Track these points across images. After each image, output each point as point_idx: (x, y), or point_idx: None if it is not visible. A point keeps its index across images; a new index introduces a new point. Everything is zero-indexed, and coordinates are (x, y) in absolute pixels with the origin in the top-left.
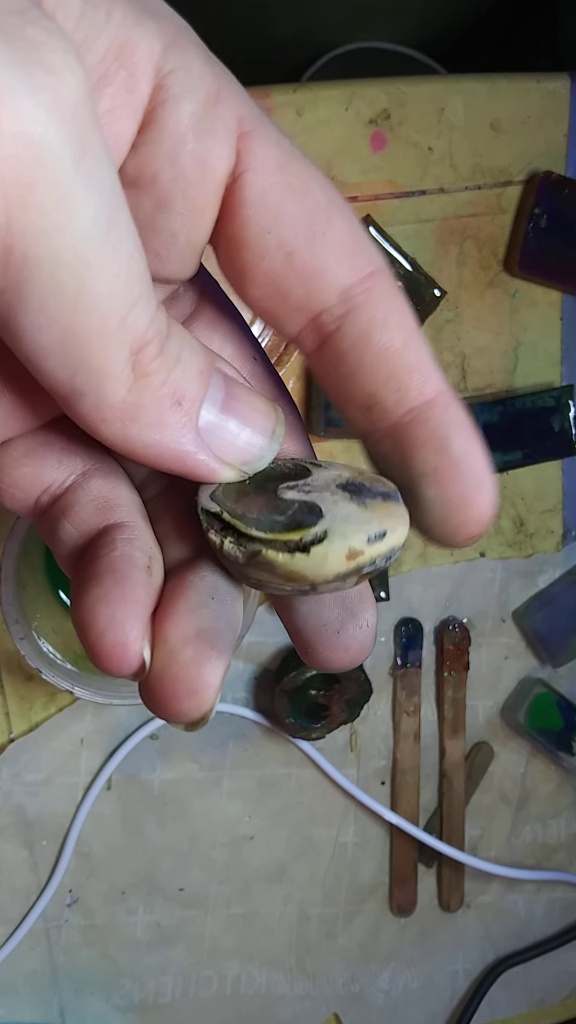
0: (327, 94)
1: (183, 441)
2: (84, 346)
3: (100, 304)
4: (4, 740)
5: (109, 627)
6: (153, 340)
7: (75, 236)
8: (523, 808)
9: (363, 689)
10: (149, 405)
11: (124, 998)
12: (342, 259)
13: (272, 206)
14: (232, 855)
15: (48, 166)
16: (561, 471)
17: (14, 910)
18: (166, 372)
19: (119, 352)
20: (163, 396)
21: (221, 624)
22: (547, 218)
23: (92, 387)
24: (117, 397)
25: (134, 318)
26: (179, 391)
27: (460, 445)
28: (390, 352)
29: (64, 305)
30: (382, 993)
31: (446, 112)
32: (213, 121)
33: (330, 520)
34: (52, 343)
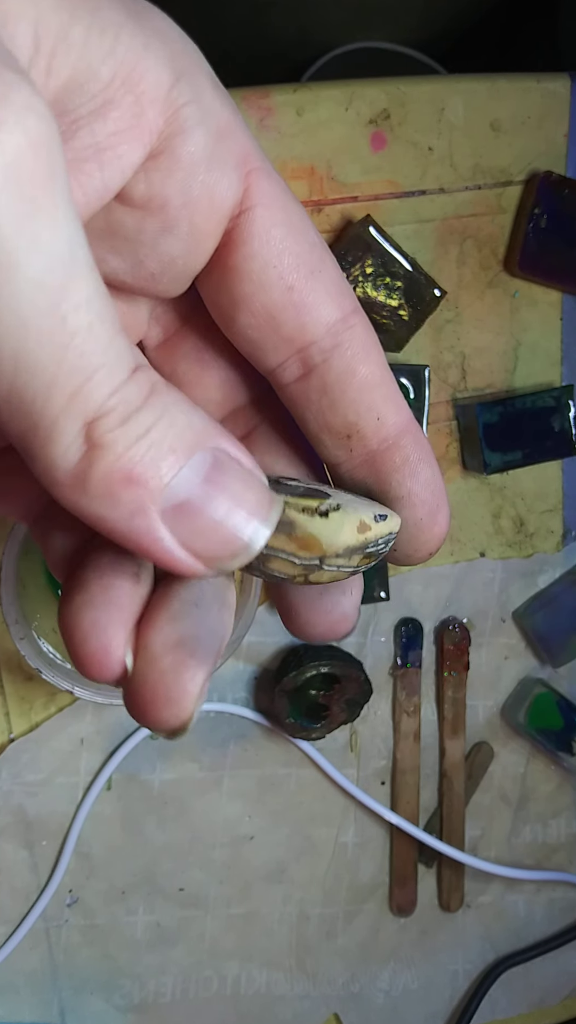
0: (327, 94)
1: (136, 522)
2: (29, 409)
3: (44, 371)
4: (4, 740)
5: (92, 632)
6: (114, 410)
7: (14, 299)
8: (523, 808)
9: (363, 689)
10: (98, 479)
11: (124, 998)
12: (332, 297)
13: (277, 241)
14: (232, 855)
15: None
16: (561, 471)
17: (14, 910)
18: (123, 447)
19: (69, 422)
20: (114, 471)
21: (203, 632)
22: (547, 218)
23: (40, 452)
24: (66, 464)
25: (90, 389)
26: (136, 468)
27: (429, 470)
28: (371, 384)
29: (4, 365)
30: (382, 993)
31: (446, 112)
32: (224, 154)
33: (339, 499)
34: (2, 396)
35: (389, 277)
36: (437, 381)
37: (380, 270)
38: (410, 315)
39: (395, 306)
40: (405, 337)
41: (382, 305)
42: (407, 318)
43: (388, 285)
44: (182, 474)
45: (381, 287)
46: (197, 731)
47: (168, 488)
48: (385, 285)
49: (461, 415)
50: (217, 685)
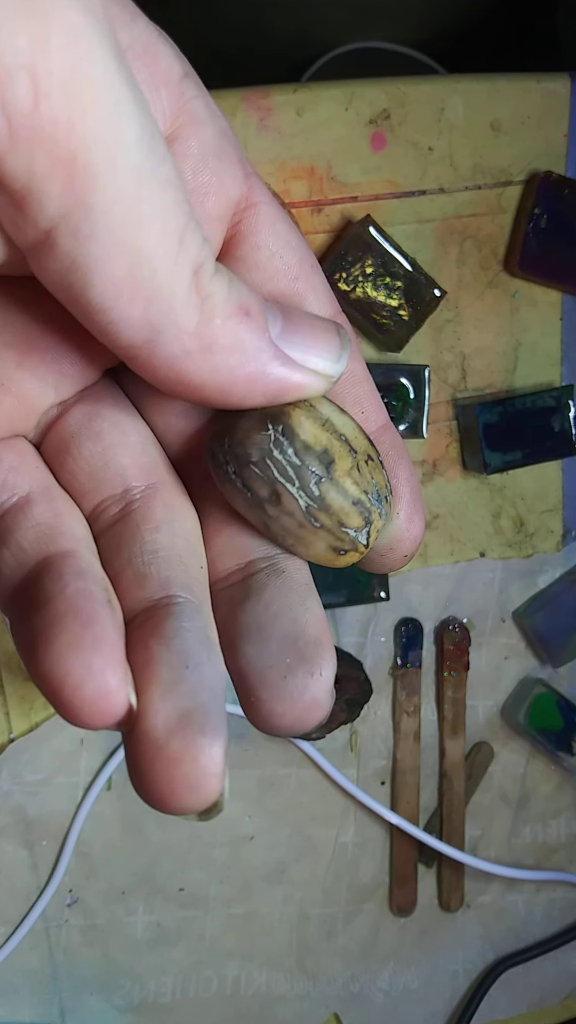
0: (327, 94)
1: (266, 355)
2: (152, 269)
3: (159, 217)
4: (4, 740)
5: (88, 677)
6: (207, 259)
7: (129, 141)
8: (523, 808)
9: (363, 689)
10: (222, 324)
11: (124, 998)
12: (326, 294)
13: (282, 234)
14: (232, 855)
15: (97, 62)
16: (561, 471)
17: (14, 910)
18: (226, 287)
19: (184, 271)
20: (231, 312)
21: (205, 697)
22: (547, 218)
23: (167, 316)
24: (191, 323)
25: (190, 236)
26: (243, 304)
27: (406, 469)
28: (358, 379)
29: (128, 219)
30: (382, 993)
31: (446, 112)
32: (230, 149)
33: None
34: (122, 272)
35: (389, 277)
36: (437, 381)
37: (380, 270)
38: (410, 315)
39: (395, 306)
40: (405, 337)
41: (382, 305)
42: (407, 318)
43: (388, 285)
44: (271, 309)
45: (381, 287)
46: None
47: (270, 318)
48: (385, 285)
49: (461, 415)
50: None
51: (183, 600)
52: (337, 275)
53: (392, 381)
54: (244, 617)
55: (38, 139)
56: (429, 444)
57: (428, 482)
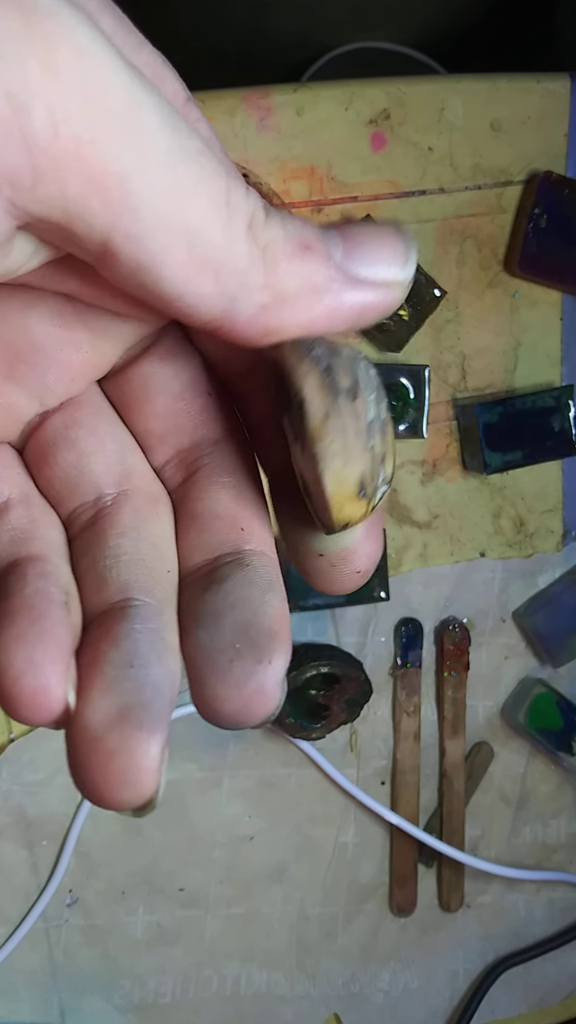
0: (327, 94)
1: (337, 283)
2: (208, 240)
3: (202, 191)
4: (4, 740)
5: (27, 670)
6: (257, 209)
7: (152, 139)
8: (523, 808)
9: (363, 689)
10: (287, 267)
11: (124, 998)
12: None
13: None
14: (232, 855)
15: (107, 76)
16: (561, 471)
17: (14, 910)
18: (281, 229)
19: (239, 230)
20: (292, 251)
21: (147, 694)
22: (547, 218)
23: (237, 281)
24: (259, 277)
25: (234, 195)
26: (302, 239)
27: None
28: None
29: (172, 205)
30: (382, 993)
31: (446, 112)
32: (231, 169)
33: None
34: (184, 256)
35: None
36: (437, 381)
37: None
38: (410, 315)
39: None
40: (405, 337)
41: None
42: (407, 318)
43: None
44: (328, 234)
45: None
46: (197, 731)
47: (329, 244)
48: None
49: (461, 415)
50: None
51: (140, 603)
52: None
53: (392, 381)
54: (201, 604)
55: (64, 165)
56: (429, 444)
57: (428, 482)
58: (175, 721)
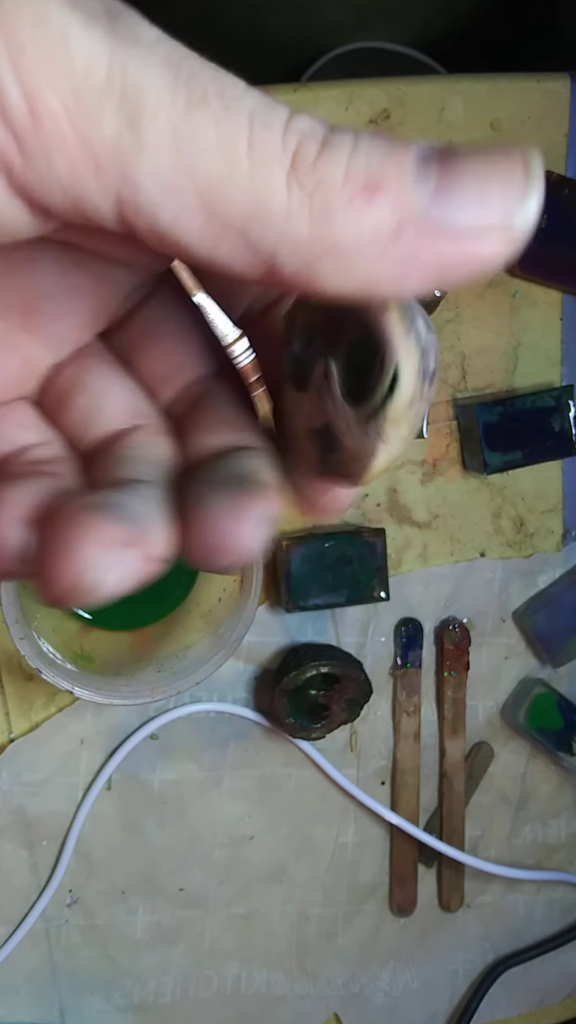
0: (327, 94)
1: (409, 235)
2: (229, 195)
3: (211, 137)
4: (4, 740)
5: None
6: (307, 140)
7: (148, 99)
8: (523, 808)
9: (363, 689)
10: (342, 215)
11: (124, 998)
12: None
13: None
14: (232, 855)
15: (78, 41)
16: (561, 471)
17: (14, 910)
18: (342, 165)
19: (272, 173)
20: (352, 194)
21: (125, 501)
22: (547, 218)
23: (273, 234)
24: (303, 230)
25: (262, 129)
26: (370, 176)
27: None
28: None
29: (177, 162)
30: (382, 993)
31: (446, 112)
32: None
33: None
34: (204, 220)
35: None
36: (437, 381)
37: None
38: None
39: None
40: None
41: None
42: None
43: None
44: (417, 168)
45: None
46: (197, 731)
47: (412, 178)
48: None
49: (461, 415)
50: (217, 685)
51: (147, 481)
52: None
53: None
54: (201, 465)
55: (47, 143)
56: (429, 444)
57: (428, 482)
58: (175, 721)
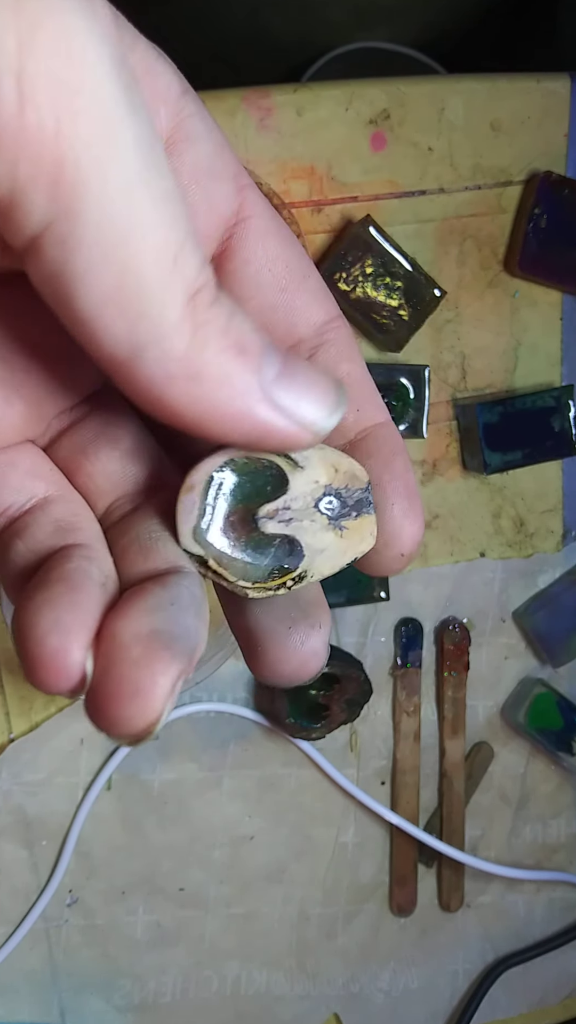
0: (327, 94)
1: (253, 397)
2: (141, 286)
3: (153, 233)
4: (4, 740)
5: (53, 631)
6: (207, 286)
7: (123, 153)
8: (523, 808)
9: (363, 689)
10: (213, 357)
11: (124, 998)
12: (319, 301)
13: (273, 247)
14: (232, 855)
15: (92, 70)
16: (561, 471)
17: (14, 910)
18: (225, 320)
19: (176, 294)
20: (226, 346)
21: (179, 628)
22: (547, 218)
23: (154, 337)
24: (180, 347)
25: (186, 257)
26: (241, 341)
27: (404, 464)
28: (353, 380)
29: (118, 233)
30: (382, 993)
31: (446, 112)
32: (222, 167)
33: (308, 560)
34: (108, 286)
35: (389, 277)
36: (437, 381)
37: (380, 270)
38: (410, 315)
39: (395, 306)
40: (405, 337)
41: (382, 305)
42: (407, 318)
43: (388, 285)
44: (270, 354)
45: (381, 287)
46: (197, 731)
47: (266, 360)
48: (385, 285)
49: (461, 415)
50: (217, 685)
51: (188, 571)
52: (337, 275)
53: (392, 381)
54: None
55: (22, 145)
56: (429, 444)
57: (428, 482)
58: (175, 721)
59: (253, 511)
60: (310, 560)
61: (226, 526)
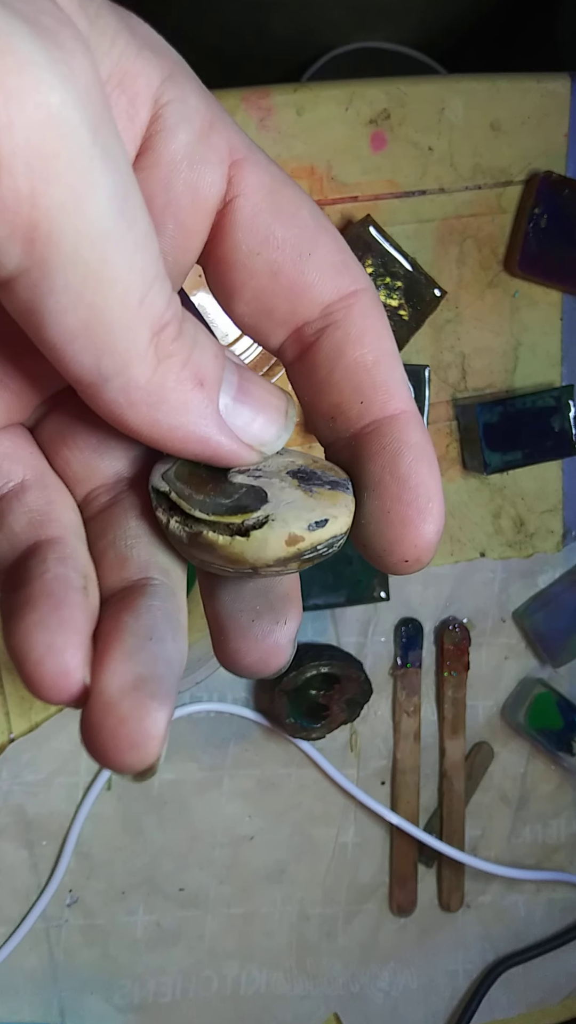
0: (327, 94)
1: (207, 423)
2: (108, 325)
3: (121, 280)
4: (4, 740)
5: (48, 655)
6: (172, 321)
7: (95, 209)
8: (523, 808)
9: (363, 689)
10: (173, 387)
11: (124, 998)
12: (325, 278)
13: (262, 228)
14: (232, 855)
15: (68, 137)
16: (561, 471)
17: (14, 910)
18: (187, 353)
19: (142, 331)
20: (185, 377)
21: (161, 668)
22: (547, 218)
23: (118, 369)
24: (143, 379)
25: (153, 297)
26: (200, 372)
27: (409, 463)
28: (360, 367)
29: (88, 281)
30: (382, 993)
31: (446, 112)
32: (206, 150)
33: (273, 506)
34: (77, 324)
35: (389, 277)
36: (437, 381)
37: (380, 270)
38: (410, 315)
39: (395, 306)
40: (405, 337)
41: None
42: (407, 318)
43: (388, 285)
44: (225, 377)
45: (381, 287)
46: (197, 731)
47: (223, 388)
48: (385, 285)
49: (461, 415)
50: (217, 685)
51: (159, 583)
52: None
53: None
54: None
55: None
56: None
57: None
58: (175, 721)
59: (224, 472)
60: (274, 507)
61: (197, 473)
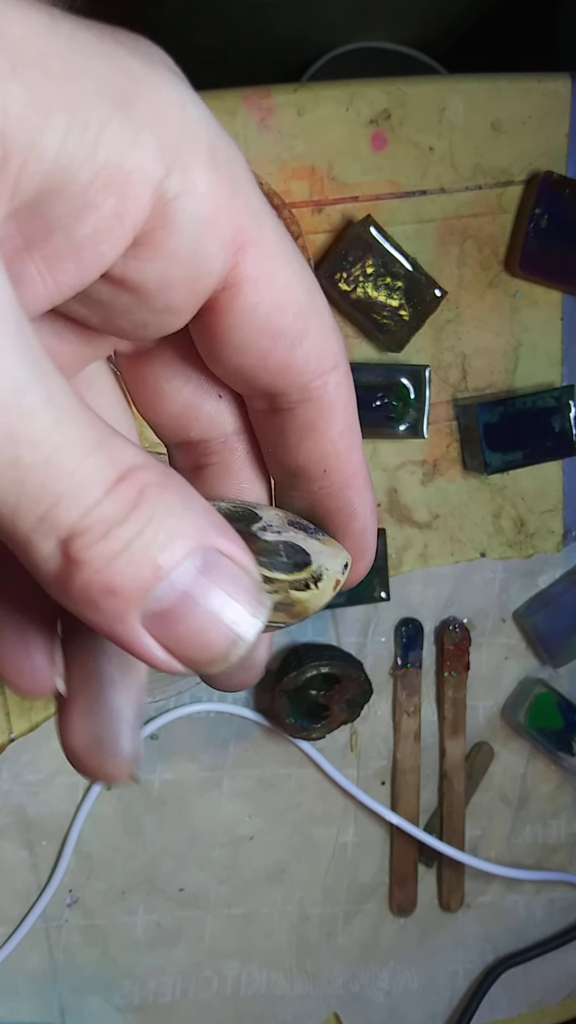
0: (327, 94)
1: (117, 628)
2: (13, 527)
3: (5, 502)
4: (4, 740)
5: (20, 678)
6: (90, 529)
7: (31, 423)
8: (523, 808)
9: (363, 689)
10: (78, 589)
11: (124, 998)
12: (309, 362)
13: (261, 317)
14: (232, 855)
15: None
16: (561, 471)
17: (14, 910)
18: (101, 562)
19: (41, 540)
20: (93, 584)
21: (117, 723)
22: (548, 218)
23: (22, 554)
24: (46, 571)
25: (57, 514)
26: (115, 580)
27: (361, 524)
28: (328, 440)
29: (30, 479)
30: (382, 993)
31: (447, 112)
32: (210, 241)
33: (315, 557)
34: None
35: (390, 277)
36: (437, 381)
37: (381, 270)
38: (411, 315)
39: (396, 306)
40: (406, 337)
41: (382, 305)
42: (407, 318)
43: (389, 285)
44: (164, 584)
45: (382, 287)
46: (197, 731)
47: (150, 597)
48: (386, 285)
49: (461, 415)
50: None
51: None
52: (337, 275)
53: (392, 381)
54: None
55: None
56: (429, 444)
57: (428, 482)
58: (175, 721)
59: (245, 530)
60: (315, 557)
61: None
